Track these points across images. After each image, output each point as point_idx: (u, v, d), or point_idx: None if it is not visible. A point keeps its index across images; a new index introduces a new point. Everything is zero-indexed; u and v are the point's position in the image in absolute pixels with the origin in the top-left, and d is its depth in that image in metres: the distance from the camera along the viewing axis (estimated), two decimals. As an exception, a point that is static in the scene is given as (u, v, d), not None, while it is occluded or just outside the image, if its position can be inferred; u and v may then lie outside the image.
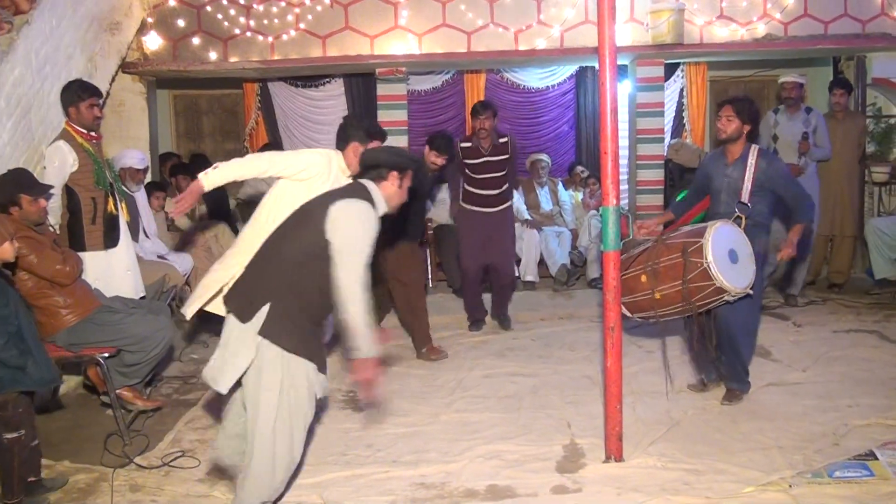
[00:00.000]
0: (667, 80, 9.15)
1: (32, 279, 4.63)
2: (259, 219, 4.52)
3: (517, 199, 8.36)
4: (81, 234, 5.32)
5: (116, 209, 5.46)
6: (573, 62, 9.28)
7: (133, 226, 6.50)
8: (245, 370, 3.49)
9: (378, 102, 8.59)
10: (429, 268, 8.87)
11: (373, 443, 4.64)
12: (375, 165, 3.79)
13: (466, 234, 7.05)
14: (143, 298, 5.64)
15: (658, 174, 8.79)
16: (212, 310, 4.56)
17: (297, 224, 3.67)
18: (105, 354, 4.72)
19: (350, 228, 3.51)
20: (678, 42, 7.94)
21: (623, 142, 8.81)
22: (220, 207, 8.98)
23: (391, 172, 3.78)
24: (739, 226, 4.90)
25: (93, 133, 5.44)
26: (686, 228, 4.95)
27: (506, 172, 6.80)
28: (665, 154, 9.09)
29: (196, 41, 8.10)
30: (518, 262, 8.39)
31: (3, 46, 5.43)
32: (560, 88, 10.14)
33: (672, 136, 9.92)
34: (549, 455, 4.41)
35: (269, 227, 3.88)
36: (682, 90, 10.11)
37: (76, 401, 5.52)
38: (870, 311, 7.29)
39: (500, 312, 7.26)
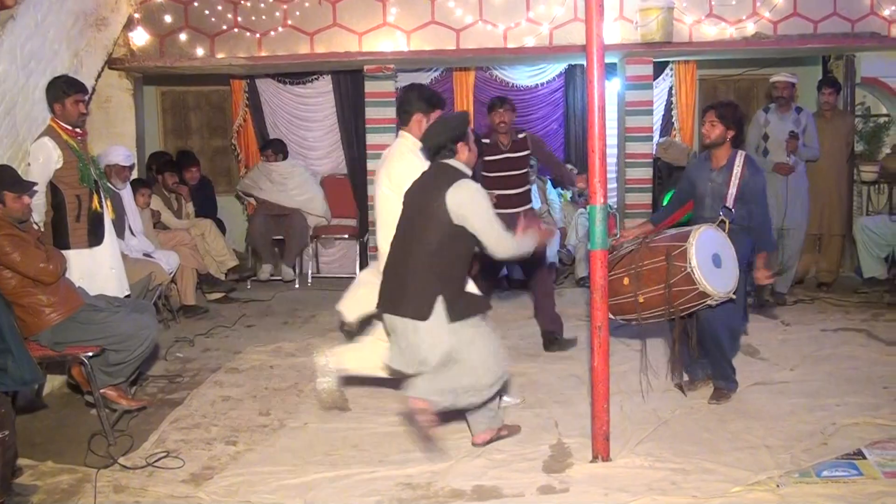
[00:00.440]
0: (656, 79, 9.13)
1: (16, 277, 4.57)
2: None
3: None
4: (66, 232, 5.27)
5: (101, 207, 5.40)
6: (562, 60, 9.27)
7: (119, 223, 6.48)
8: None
9: (366, 100, 8.55)
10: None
11: (359, 443, 4.61)
12: (442, 146, 4.26)
13: None
14: (129, 297, 5.59)
15: (647, 172, 8.79)
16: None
17: (420, 226, 4.18)
18: (89, 353, 4.67)
19: (474, 206, 4.11)
20: (667, 40, 7.92)
21: (612, 140, 8.80)
22: (208, 206, 8.94)
23: (457, 144, 4.25)
24: (723, 230, 4.89)
25: (78, 130, 5.38)
26: (670, 232, 4.93)
27: (525, 171, 6.62)
28: (654, 152, 9.08)
29: (183, 37, 8.06)
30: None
31: (-12, 42, 5.39)
32: (549, 86, 10.11)
33: (661, 135, 9.92)
34: (536, 455, 4.38)
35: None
36: (671, 88, 10.10)
37: (60, 400, 5.46)
38: (858, 310, 7.29)
39: (547, 328, 6.53)
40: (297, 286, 9.06)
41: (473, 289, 4.57)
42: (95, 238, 5.37)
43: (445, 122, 4.40)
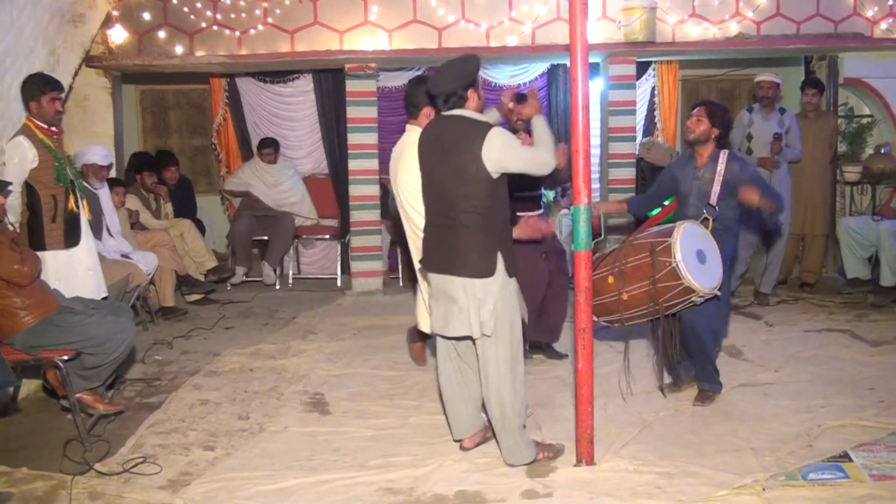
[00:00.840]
0: (638, 79, 9.11)
1: (-11, 279, 4.48)
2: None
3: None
4: (41, 233, 5.16)
5: (77, 207, 5.30)
6: (545, 59, 9.23)
7: (96, 224, 6.38)
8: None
9: (347, 99, 8.48)
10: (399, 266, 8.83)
11: (339, 447, 4.53)
12: (452, 94, 4.06)
13: None
14: (106, 299, 5.50)
15: (630, 173, 8.76)
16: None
17: (456, 188, 3.99)
18: (64, 357, 4.58)
19: (509, 152, 3.95)
20: (650, 40, 7.91)
21: (595, 140, 8.77)
22: (187, 206, 8.84)
23: (468, 91, 4.06)
24: (707, 227, 4.86)
25: (54, 128, 5.28)
26: (653, 229, 4.90)
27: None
28: (637, 153, 9.06)
29: (162, 35, 7.96)
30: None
31: (-39, 39, 5.28)
32: (531, 86, 10.06)
33: (643, 135, 9.90)
34: (520, 459, 4.33)
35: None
36: (654, 89, 10.09)
37: (35, 405, 5.36)
38: (842, 311, 7.29)
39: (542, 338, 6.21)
40: (278, 287, 8.97)
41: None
42: (72, 239, 5.27)
43: (456, 68, 4.13)
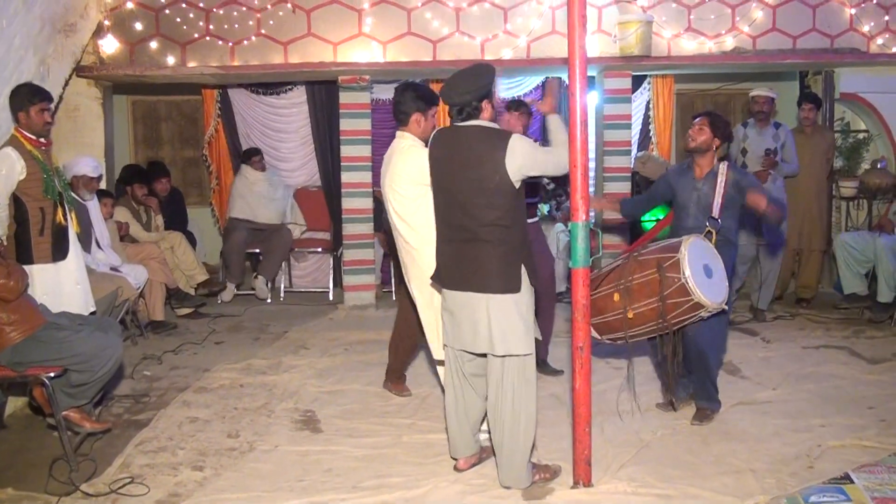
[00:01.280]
0: (633, 93, 9.06)
1: (-26, 294, 4.38)
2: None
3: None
4: (29, 246, 5.05)
5: (66, 220, 5.20)
6: (539, 73, 9.17)
7: (85, 236, 6.29)
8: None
9: (340, 111, 8.41)
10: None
11: (332, 467, 4.43)
12: (467, 105, 3.97)
13: None
14: (94, 313, 5.40)
15: (625, 187, 8.70)
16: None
17: (475, 200, 3.91)
18: (50, 374, 4.44)
19: (530, 158, 3.92)
20: (646, 54, 7.86)
21: (590, 154, 8.70)
22: (178, 218, 8.76)
23: (482, 103, 3.99)
24: (710, 241, 4.80)
25: (42, 139, 5.18)
26: (657, 244, 4.82)
27: (535, 182, 6.41)
28: (632, 166, 9.00)
29: (154, 45, 7.87)
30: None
31: (-51, 48, 5.20)
32: (526, 99, 10.01)
33: (638, 149, 9.85)
34: (516, 480, 4.24)
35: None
36: (649, 102, 10.05)
37: (21, 422, 5.25)
38: (839, 327, 7.24)
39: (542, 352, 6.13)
40: (269, 300, 8.88)
41: None
42: (60, 252, 5.16)
43: (472, 78, 4.01)
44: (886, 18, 8.13)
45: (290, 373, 6.19)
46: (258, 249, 9.05)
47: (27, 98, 5.13)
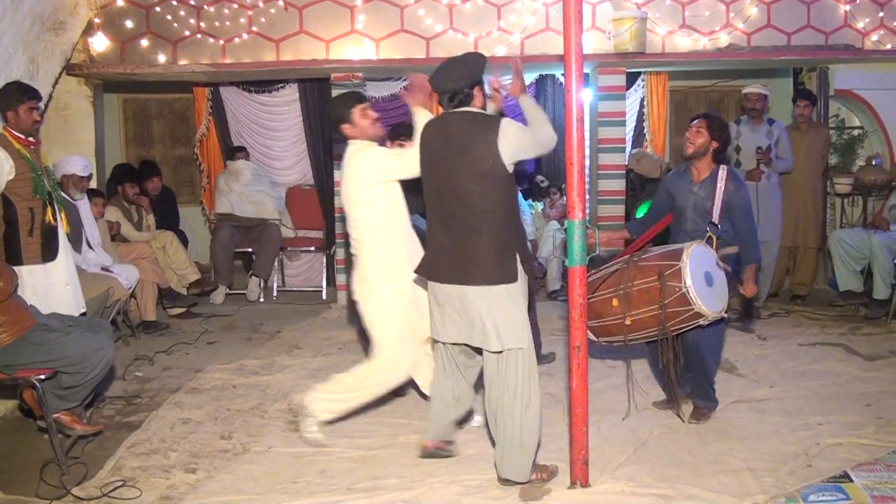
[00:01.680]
0: (627, 90, 9.03)
1: (-37, 296, 4.32)
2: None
3: None
4: (18, 247, 4.98)
5: (55, 220, 5.14)
6: (533, 70, 9.14)
7: (75, 236, 6.22)
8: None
9: (333, 109, 8.34)
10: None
11: (326, 468, 4.38)
12: (458, 91, 3.96)
13: None
14: (84, 314, 5.33)
15: (619, 184, 8.66)
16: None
17: (469, 189, 3.87)
18: (41, 376, 4.40)
19: (521, 140, 3.91)
20: (640, 51, 7.82)
21: (584, 151, 8.67)
22: (169, 217, 8.69)
23: (474, 89, 3.98)
24: (711, 246, 4.75)
25: (31, 138, 5.12)
26: (658, 250, 4.75)
27: (519, 172, 6.40)
28: (626, 164, 8.97)
29: (144, 43, 7.81)
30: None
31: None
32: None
33: (632, 146, 9.82)
34: (513, 480, 4.19)
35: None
36: (643, 100, 10.02)
37: (11, 425, 5.18)
38: (835, 324, 7.22)
39: None
40: (262, 300, 8.82)
41: None
42: (49, 253, 5.10)
43: (463, 65, 4.02)
44: (881, 15, 8.11)
45: (284, 373, 6.14)
46: (250, 249, 9.00)
47: (16, 97, 5.06)
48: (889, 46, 8.14)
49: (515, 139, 3.86)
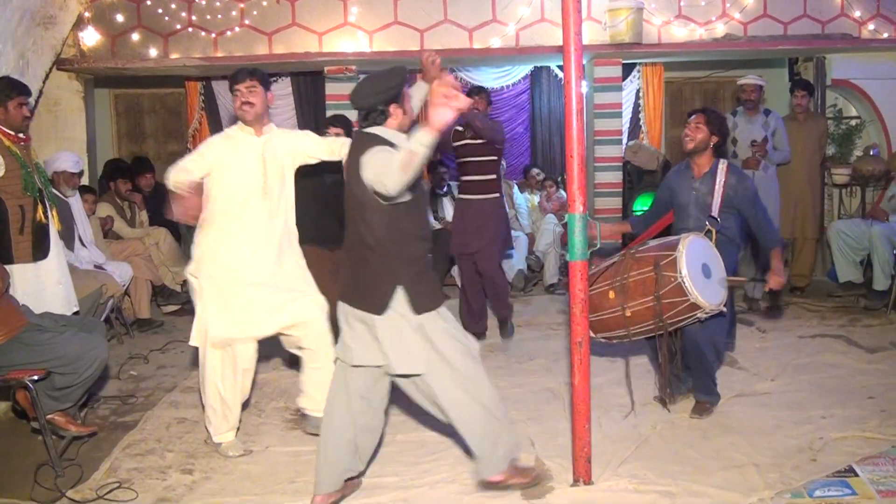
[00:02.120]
0: (623, 81, 8.98)
1: (-47, 296, 4.24)
2: None
3: None
4: (9, 246, 4.89)
5: (46, 217, 5.05)
6: (529, 61, 9.09)
7: (67, 234, 6.14)
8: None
9: (327, 102, 8.29)
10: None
11: (325, 468, 4.33)
12: (372, 110, 3.63)
13: (454, 223, 6.81)
14: (77, 313, 5.26)
15: (616, 176, 8.62)
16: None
17: (358, 212, 3.59)
18: (34, 377, 4.32)
19: (372, 171, 3.40)
20: (636, 41, 7.77)
21: (584, 143, 8.62)
22: (163, 213, 8.60)
23: (390, 106, 3.63)
24: (710, 240, 4.69)
25: (21, 135, 5.04)
26: (656, 241, 4.70)
27: (490, 159, 6.37)
28: (623, 156, 8.92)
29: (135, 37, 7.75)
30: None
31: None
32: (515, 89, 9.95)
33: (629, 138, 9.77)
34: (514, 478, 4.13)
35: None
36: (639, 91, 9.96)
37: (4, 427, 5.11)
38: (834, 315, 7.17)
39: (497, 317, 6.78)
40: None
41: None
42: (40, 251, 5.01)
43: (378, 81, 3.66)
44: (877, 3, 8.07)
45: (281, 370, 6.07)
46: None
47: (4, 92, 4.97)
48: (886, 35, 8.12)
49: (373, 174, 3.40)
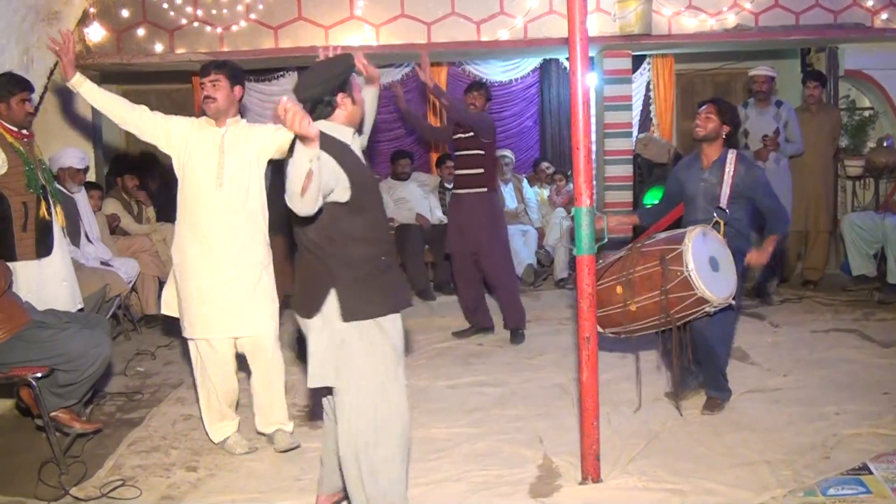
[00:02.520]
0: (633, 73, 8.89)
1: (-45, 293, 4.21)
2: None
3: None
4: (12, 243, 4.85)
5: (50, 214, 5.01)
6: (537, 54, 9.02)
7: (73, 230, 6.11)
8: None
9: (334, 97, 8.22)
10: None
11: (331, 465, 4.28)
12: (318, 101, 3.27)
13: (448, 218, 6.86)
14: (81, 310, 5.22)
15: (627, 170, 8.54)
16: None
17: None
18: (37, 375, 4.28)
19: (287, 182, 2.97)
20: (646, 33, 7.68)
21: (591, 136, 8.55)
22: (170, 209, 8.57)
23: (337, 96, 3.28)
24: (718, 231, 4.62)
25: (24, 131, 5.00)
26: (662, 235, 4.62)
27: (478, 153, 6.34)
28: (633, 149, 8.83)
29: (141, 32, 7.72)
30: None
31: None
32: (523, 82, 9.87)
33: (639, 131, 9.68)
34: (521, 476, 4.06)
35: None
36: (649, 83, 9.87)
37: (9, 424, 5.09)
38: (848, 309, 7.08)
39: (505, 323, 6.65)
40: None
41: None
42: (44, 248, 4.96)
43: (323, 69, 3.32)
44: (890, -8, 7.97)
45: (288, 367, 6.01)
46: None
47: (7, 88, 4.94)
48: (899, 25, 8.00)
49: (286, 193, 3.00)
